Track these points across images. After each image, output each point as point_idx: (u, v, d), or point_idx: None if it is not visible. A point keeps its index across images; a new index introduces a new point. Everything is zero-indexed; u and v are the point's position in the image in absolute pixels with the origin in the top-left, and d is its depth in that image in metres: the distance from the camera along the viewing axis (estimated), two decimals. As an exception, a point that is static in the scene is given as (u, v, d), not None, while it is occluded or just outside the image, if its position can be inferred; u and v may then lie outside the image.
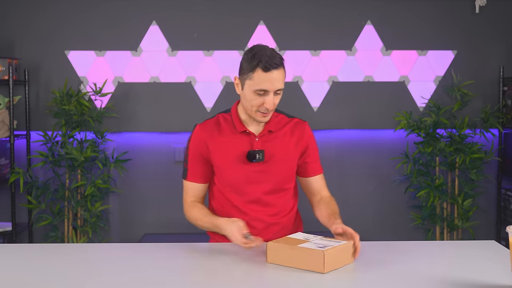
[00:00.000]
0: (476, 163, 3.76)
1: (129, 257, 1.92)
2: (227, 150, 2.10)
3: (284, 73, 2.03)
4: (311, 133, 2.21)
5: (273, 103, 2.02)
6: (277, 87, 2.00)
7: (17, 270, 1.78)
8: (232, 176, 2.10)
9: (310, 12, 3.89)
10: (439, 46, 3.92)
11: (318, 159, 2.23)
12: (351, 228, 1.92)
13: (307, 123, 2.22)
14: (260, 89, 1.98)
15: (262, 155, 2.08)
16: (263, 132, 2.12)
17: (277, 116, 2.17)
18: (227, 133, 2.12)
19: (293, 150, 2.15)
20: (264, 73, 1.97)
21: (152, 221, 3.94)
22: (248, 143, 2.10)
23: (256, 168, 2.09)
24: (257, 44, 2.05)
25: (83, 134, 3.79)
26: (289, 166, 2.15)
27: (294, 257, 1.76)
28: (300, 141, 2.16)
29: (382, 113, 3.92)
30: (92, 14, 3.84)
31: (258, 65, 1.97)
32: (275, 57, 1.98)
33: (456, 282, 1.63)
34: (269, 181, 2.11)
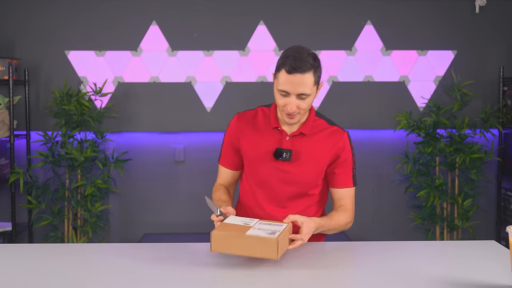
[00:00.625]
0: (476, 163, 3.76)
1: (129, 257, 1.92)
2: (256, 144, 2.11)
3: (313, 78, 1.95)
4: (348, 144, 2.12)
5: (295, 107, 1.97)
6: (299, 91, 1.94)
7: (17, 270, 1.78)
8: (258, 170, 2.11)
9: (310, 12, 3.89)
10: (439, 46, 3.92)
11: (350, 172, 2.13)
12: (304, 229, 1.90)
13: (347, 133, 2.13)
14: (282, 89, 1.96)
15: (289, 154, 2.06)
16: (295, 133, 2.09)
17: (316, 121, 2.12)
18: (261, 127, 2.13)
19: (323, 157, 2.09)
20: (287, 75, 1.94)
21: (152, 221, 3.94)
22: (278, 140, 2.09)
23: (282, 167, 2.08)
24: (297, 45, 2.02)
25: (83, 134, 3.79)
26: (316, 172, 2.10)
27: (244, 245, 1.76)
28: (332, 149, 2.09)
29: (382, 113, 3.92)
30: (92, 14, 3.84)
31: (283, 65, 1.95)
32: (303, 60, 1.93)
33: (456, 282, 1.63)
34: (293, 182, 2.09)
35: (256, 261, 1.84)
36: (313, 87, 1.97)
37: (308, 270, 1.77)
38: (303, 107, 1.98)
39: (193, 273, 1.75)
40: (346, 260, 1.87)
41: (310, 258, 1.91)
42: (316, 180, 2.12)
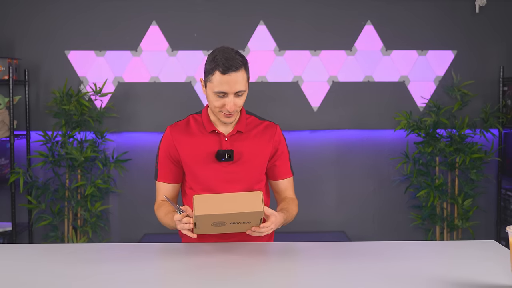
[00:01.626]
0: (476, 163, 3.76)
1: (129, 257, 1.92)
2: (196, 150, 2.13)
3: (246, 75, 2.03)
4: (282, 137, 2.23)
5: (233, 105, 2.03)
6: (236, 89, 2.01)
7: (17, 270, 1.78)
8: (202, 175, 2.13)
9: (310, 12, 3.89)
10: (439, 46, 3.92)
11: (287, 162, 2.24)
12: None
13: (279, 126, 2.23)
14: (219, 91, 2.01)
15: (231, 154, 2.11)
16: (232, 132, 2.14)
17: (248, 118, 2.20)
18: (197, 133, 2.15)
19: (263, 151, 2.16)
20: (222, 76, 1.99)
21: (152, 221, 3.93)
22: (217, 143, 2.13)
23: (226, 168, 2.12)
24: (220, 46, 2.07)
25: (83, 134, 3.79)
26: (259, 167, 2.17)
27: (227, 203, 1.80)
28: (270, 143, 2.17)
29: (382, 113, 3.92)
30: (92, 14, 3.84)
31: (216, 67, 2.00)
32: (234, 59, 1.99)
33: (456, 282, 1.63)
34: (239, 180, 2.13)
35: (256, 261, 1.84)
36: (246, 83, 2.05)
37: (308, 270, 1.77)
38: (240, 104, 2.06)
39: (193, 273, 1.75)
40: (346, 260, 1.87)
41: (309, 258, 1.92)
42: (260, 175, 2.19)
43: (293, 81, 3.90)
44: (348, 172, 3.97)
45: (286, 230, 3.76)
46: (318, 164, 3.96)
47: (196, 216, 1.79)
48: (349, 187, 3.98)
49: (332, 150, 3.97)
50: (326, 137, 3.97)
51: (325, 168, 3.96)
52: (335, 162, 3.97)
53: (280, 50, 3.88)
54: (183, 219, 1.91)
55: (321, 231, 3.93)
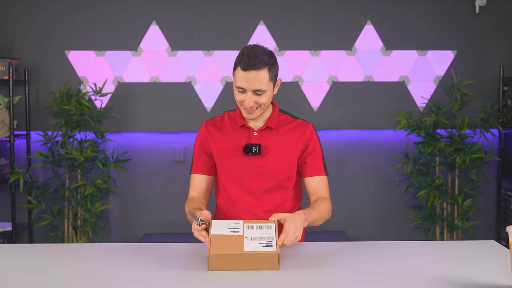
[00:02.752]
0: (476, 163, 3.76)
1: (129, 257, 1.92)
2: (227, 144, 2.17)
3: (268, 75, 2.04)
4: (314, 134, 2.22)
5: (252, 102, 2.05)
6: (254, 88, 2.03)
7: (17, 270, 1.78)
8: (231, 167, 2.16)
9: (310, 12, 3.89)
10: (439, 46, 3.92)
11: (320, 160, 2.22)
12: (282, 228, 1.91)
13: (311, 124, 2.23)
14: (239, 86, 2.05)
15: (258, 148, 2.13)
16: (262, 128, 2.17)
17: (280, 116, 2.22)
18: (228, 128, 2.20)
19: (292, 149, 2.17)
20: (243, 72, 2.02)
21: (152, 221, 3.94)
22: (246, 137, 2.17)
23: (254, 162, 2.14)
24: (253, 44, 2.10)
25: (83, 134, 3.79)
26: (287, 164, 2.16)
27: (243, 262, 1.76)
28: (300, 140, 2.18)
29: (382, 113, 3.92)
30: (92, 14, 3.84)
31: (239, 63, 2.04)
32: (258, 58, 2.01)
33: (456, 282, 1.63)
34: (266, 175, 2.14)
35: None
36: (268, 83, 2.06)
37: (308, 270, 1.77)
38: (261, 102, 2.07)
39: (193, 273, 1.75)
40: (346, 260, 1.87)
41: (309, 258, 1.91)
42: (288, 172, 2.18)
43: (293, 81, 3.90)
44: (348, 172, 3.97)
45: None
46: (318, 164, 3.95)
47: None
48: (349, 187, 3.98)
49: (332, 150, 3.97)
50: (326, 137, 3.97)
51: (325, 168, 3.95)
52: (335, 162, 3.97)
53: (280, 50, 3.88)
54: (201, 232, 1.90)
55: (321, 231, 3.93)
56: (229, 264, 1.76)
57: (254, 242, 1.82)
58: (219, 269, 1.76)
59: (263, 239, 1.83)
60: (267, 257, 1.76)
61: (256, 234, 1.85)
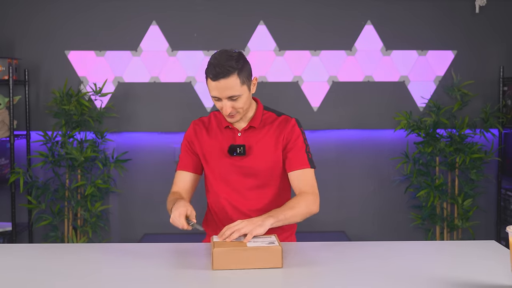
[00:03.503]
0: (476, 163, 3.76)
1: (129, 257, 1.92)
2: (212, 145, 2.19)
3: (239, 80, 2.01)
4: (296, 128, 2.18)
5: (229, 108, 2.05)
6: (227, 95, 2.02)
7: (17, 270, 1.78)
8: (217, 168, 2.18)
9: (310, 12, 3.89)
10: (439, 46, 3.92)
11: (302, 153, 2.15)
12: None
13: (294, 119, 2.20)
14: (213, 96, 2.05)
15: (243, 149, 2.14)
16: (245, 128, 2.18)
17: (265, 114, 2.22)
18: (214, 128, 2.21)
19: (275, 145, 2.16)
20: (213, 82, 2.01)
21: (152, 221, 3.94)
22: (231, 137, 2.18)
23: (239, 162, 2.15)
24: (220, 50, 2.07)
25: (83, 134, 3.79)
26: (272, 161, 2.16)
27: (247, 258, 1.76)
28: (281, 135, 2.17)
29: (382, 113, 3.92)
30: (92, 14, 3.84)
31: (208, 74, 2.03)
32: (224, 65, 1.98)
33: (456, 282, 1.63)
34: (252, 175, 2.16)
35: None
36: (241, 87, 2.03)
37: (308, 270, 1.77)
38: (238, 106, 2.07)
39: (193, 273, 1.75)
40: (346, 260, 1.87)
41: (309, 258, 1.91)
42: (274, 170, 2.17)
43: (293, 81, 3.90)
44: (348, 172, 3.97)
45: (286, 230, 3.76)
46: (318, 164, 3.93)
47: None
48: (349, 187, 3.98)
49: (332, 150, 3.97)
50: (326, 137, 3.97)
51: (325, 168, 3.96)
52: (335, 162, 3.97)
53: (280, 50, 3.88)
54: (185, 225, 1.92)
55: (321, 231, 3.93)
56: (233, 261, 1.76)
57: (257, 242, 1.83)
58: (223, 268, 1.76)
59: (265, 241, 1.84)
60: (270, 252, 1.77)
61: (258, 239, 1.87)
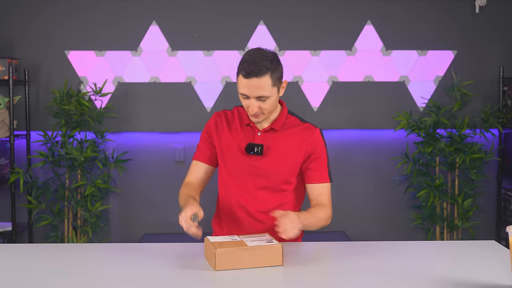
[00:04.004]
0: (476, 163, 3.76)
1: (129, 257, 1.92)
2: (231, 140, 2.17)
3: (270, 81, 2.00)
4: (321, 140, 2.18)
5: (256, 108, 2.03)
6: (257, 94, 2.01)
7: (17, 270, 1.78)
8: (231, 164, 2.16)
9: (310, 12, 3.89)
10: (439, 46, 3.92)
11: (324, 167, 2.18)
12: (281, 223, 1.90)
13: (319, 129, 2.19)
14: (242, 93, 2.04)
15: (260, 149, 2.11)
16: (266, 128, 2.15)
17: (288, 118, 2.19)
18: (235, 124, 2.19)
19: (296, 152, 2.14)
20: (245, 79, 2.00)
21: (152, 221, 3.94)
22: (250, 136, 2.16)
23: (255, 162, 2.13)
24: (255, 48, 2.07)
25: (83, 134, 3.79)
26: (287, 166, 2.14)
27: (248, 257, 1.77)
28: (305, 144, 2.14)
29: (382, 113, 3.92)
30: (92, 14, 3.84)
31: (240, 70, 2.01)
32: (259, 64, 1.97)
33: (456, 282, 1.63)
34: (265, 176, 2.13)
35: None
36: (271, 89, 2.02)
37: (308, 270, 1.77)
38: (265, 108, 2.05)
39: (193, 273, 1.75)
40: (346, 260, 1.87)
41: (309, 258, 1.92)
42: (288, 176, 2.15)
43: (293, 81, 3.90)
44: (348, 172, 3.97)
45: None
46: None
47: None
48: (349, 187, 3.98)
49: (332, 150, 3.95)
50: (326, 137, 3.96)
51: (325, 168, 3.95)
52: (335, 162, 3.95)
53: (280, 50, 3.88)
54: (190, 228, 1.91)
55: (321, 231, 3.93)
56: (234, 261, 1.76)
57: (255, 241, 1.83)
58: (226, 268, 1.76)
59: (263, 240, 1.84)
60: (271, 250, 1.78)
61: (255, 238, 1.87)
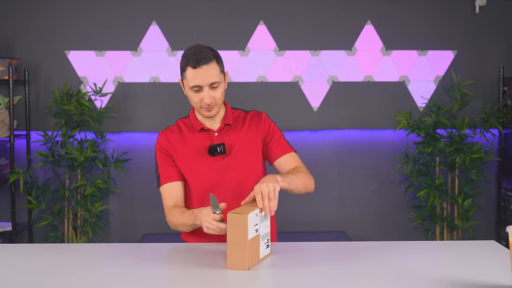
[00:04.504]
0: (476, 163, 3.76)
1: (129, 257, 1.92)
2: (189, 149, 2.17)
3: (218, 67, 2.07)
4: (269, 120, 2.24)
5: (211, 97, 2.07)
6: (210, 81, 2.05)
7: (17, 270, 1.78)
8: (199, 171, 2.15)
9: (310, 12, 3.89)
10: (439, 46, 3.92)
11: (282, 141, 2.23)
12: None
13: (264, 112, 2.26)
14: (194, 85, 2.06)
15: (223, 147, 2.14)
16: (221, 127, 2.18)
17: (234, 112, 2.24)
18: (187, 134, 2.20)
19: (254, 140, 2.19)
20: (194, 70, 2.04)
21: (152, 221, 3.94)
22: (208, 139, 2.18)
23: (221, 162, 2.15)
24: (193, 44, 2.12)
25: (83, 134, 3.79)
26: (253, 156, 2.18)
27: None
28: (258, 128, 2.21)
29: (382, 113, 3.92)
30: (92, 14, 3.84)
31: (187, 63, 2.05)
32: (203, 53, 2.04)
33: (456, 282, 1.63)
34: (235, 172, 2.15)
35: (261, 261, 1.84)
36: (220, 75, 2.09)
37: (308, 270, 1.77)
38: (217, 97, 2.09)
39: (192, 273, 1.75)
40: (346, 260, 1.87)
41: (309, 258, 1.92)
42: (256, 163, 2.19)
43: (293, 81, 3.90)
44: (348, 172, 3.97)
45: (286, 230, 3.76)
46: (318, 164, 3.95)
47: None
48: (349, 187, 3.98)
49: (332, 150, 3.97)
50: (326, 137, 3.97)
51: (325, 168, 3.96)
52: (335, 162, 3.97)
53: (280, 50, 3.88)
54: (212, 222, 1.87)
55: (321, 231, 3.93)
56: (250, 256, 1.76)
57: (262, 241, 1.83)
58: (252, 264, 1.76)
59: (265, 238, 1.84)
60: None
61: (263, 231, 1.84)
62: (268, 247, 1.87)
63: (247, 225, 1.72)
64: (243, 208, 1.79)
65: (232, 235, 1.74)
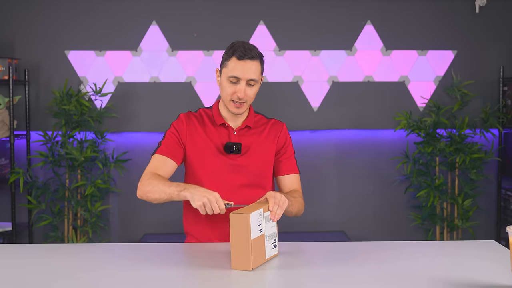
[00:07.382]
0: (476, 163, 3.76)
1: (129, 257, 1.92)
2: (206, 141, 2.19)
3: (260, 67, 2.12)
4: (288, 134, 2.29)
5: (244, 93, 2.10)
6: (249, 77, 2.09)
7: (17, 270, 1.78)
8: (211, 165, 2.16)
9: (310, 12, 3.89)
10: (439, 46, 3.92)
11: (292, 159, 2.27)
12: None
13: (285, 124, 2.30)
14: (233, 75, 2.09)
15: (239, 147, 2.16)
16: (241, 127, 2.21)
17: (256, 116, 2.27)
18: (207, 125, 2.22)
19: (270, 148, 2.22)
20: (238, 61, 2.08)
21: (152, 221, 3.94)
22: (226, 135, 2.20)
23: (234, 160, 2.17)
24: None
25: (83, 134, 3.79)
26: (265, 162, 2.21)
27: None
28: (276, 138, 2.24)
29: (382, 113, 3.92)
30: (92, 14, 3.84)
31: (233, 53, 2.09)
32: (252, 49, 2.10)
33: (456, 282, 1.63)
34: (245, 174, 2.17)
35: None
36: (259, 76, 2.14)
37: (308, 270, 1.77)
38: (250, 95, 2.12)
39: (193, 273, 1.75)
40: (346, 260, 1.87)
41: (309, 258, 1.92)
42: (268, 171, 2.22)
43: (293, 81, 3.90)
44: (348, 172, 3.97)
45: (286, 230, 3.76)
46: (318, 164, 3.96)
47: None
48: (349, 187, 3.98)
49: (332, 150, 3.97)
50: (326, 137, 3.97)
51: (325, 168, 3.96)
52: (335, 162, 3.97)
53: (280, 50, 3.88)
54: (219, 200, 1.87)
55: (321, 231, 3.93)
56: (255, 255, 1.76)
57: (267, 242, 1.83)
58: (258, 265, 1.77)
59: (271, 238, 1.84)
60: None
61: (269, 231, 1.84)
62: (275, 247, 1.87)
63: (249, 224, 1.72)
64: (246, 208, 1.80)
65: (235, 235, 1.74)
